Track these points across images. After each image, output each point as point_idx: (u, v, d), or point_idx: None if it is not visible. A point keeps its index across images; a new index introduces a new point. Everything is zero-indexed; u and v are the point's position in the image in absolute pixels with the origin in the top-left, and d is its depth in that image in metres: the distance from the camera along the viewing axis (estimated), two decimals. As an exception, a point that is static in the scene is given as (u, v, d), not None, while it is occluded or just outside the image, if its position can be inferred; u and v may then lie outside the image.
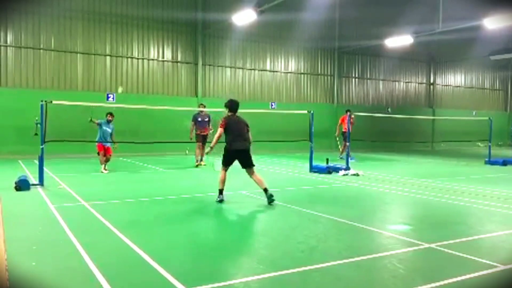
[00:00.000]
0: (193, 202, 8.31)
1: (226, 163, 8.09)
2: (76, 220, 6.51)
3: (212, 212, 7.59)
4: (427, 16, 22.20)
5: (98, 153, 12.55)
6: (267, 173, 12.85)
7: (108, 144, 12.56)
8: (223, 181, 8.02)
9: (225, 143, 8.13)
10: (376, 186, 10.54)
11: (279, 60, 22.74)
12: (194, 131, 14.09)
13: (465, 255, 4.95)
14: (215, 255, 5.01)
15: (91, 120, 12.39)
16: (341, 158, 17.08)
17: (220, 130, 8.05)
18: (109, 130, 12.62)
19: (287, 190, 9.80)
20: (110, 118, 12.69)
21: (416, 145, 25.40)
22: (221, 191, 8.02)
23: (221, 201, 7.93)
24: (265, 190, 7.85)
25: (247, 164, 8.04)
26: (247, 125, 8.21)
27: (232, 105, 8.39)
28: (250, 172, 8.05)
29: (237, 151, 8.01)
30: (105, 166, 12.53)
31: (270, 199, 7.72)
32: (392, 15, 23.15)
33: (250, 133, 8.24)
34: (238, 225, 6.60)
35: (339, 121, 17.80)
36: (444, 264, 4.75)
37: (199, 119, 14.16)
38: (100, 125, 12.53)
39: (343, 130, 17.02)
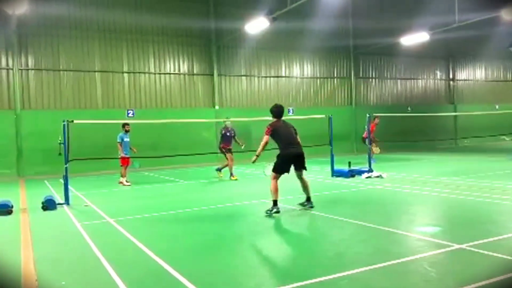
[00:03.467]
0: (216, 214, 8.30)
1: (281, 171, 7.76)
2: (103, 238, 6.57)
3: (236, 223, 7.56)
4: (443, 11, 21.86)
5: (122, 166, 12.96)
6: (288, 180, 12.76)
7: (128, 155, 13.00)
8: (277, 191, 7.64)
9: (274, 151, 7.90)
10: (401, 187, 10.36)
11: (295, 65, 22.71)
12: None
13: (498, 255, 4.80)
14: (241, 266, 4.98)
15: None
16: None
17: (266, 138, 7.71)
18: (128, 140, 13.03)
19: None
20: (128, 128, 13.08)
21: (439, 142, 24.93)
22: (275, 202, 7.60)
23: (277, 212, 7.51)
24: (309, 198, 8.04)
25: (302, 167, 7.93)
26: (295, 129, 7.97)
27: (278, 111, 7.98)
28: (301, 175, 7.99)
29: (295, 156, 7.80)
30: (126, 179, 12.82)
31: (310, 206, 7.99)
32: (407, 13, 22.88)
33: (298, 137, 7.97)
34: (262, 234, 6.55)
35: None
36: (477, 265, 4.61)
37: (227, 134, 13.83)
38: (122, 140, 12.87)
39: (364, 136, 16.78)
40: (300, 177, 8.01)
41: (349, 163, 13.05)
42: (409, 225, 6.72)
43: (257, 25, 17.21)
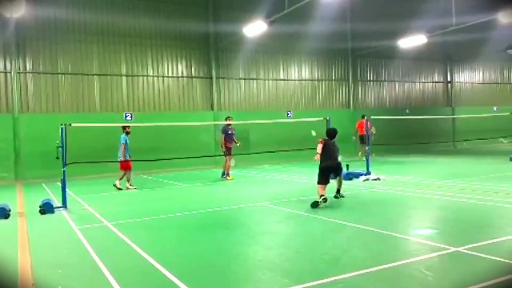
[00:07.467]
0: (213, 216, 8.30)
1: (321, 181, 8.96)
2: (100, 241, 6.57)
3: (233, 226, 7.57)
4: (440, 14, 21.94)
5: (125, 170, 12.71)
6: (286, 182, 12.78)
7: (128, 157, 12.75)
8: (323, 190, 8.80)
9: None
10: (399, 190, 10.37)
11: (293, 68, 22.73)
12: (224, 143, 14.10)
13: (494, 258, 4.81)
14: (238, 269, 4.98)
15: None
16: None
17: (320, 146, 9.17)
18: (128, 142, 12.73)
19: (309, 199, 9.71)
20: (129, 130, 12.77)
21: (437, 145, 24.94)
22: (322, 196, 8.66)
23: (325, 200, 8.58)
24: (338, 190, 9.60)
25: (338, 174, 9.38)
26: (338, 149, 9.49)
27: (331, 132, 9.53)
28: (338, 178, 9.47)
29: (328, 167, 9.12)
30: (131, 183, 12.78)
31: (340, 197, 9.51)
32: (404, 16, 22.91)
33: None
34: (259, 238, 6.56)
35: (356, 126, 18.37)
36: (474, 268, 4.63)
37: (229, 132, 14.08)
38: (126, 142, 12.64)
39: (360, 133, 18.08)
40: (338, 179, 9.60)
41: (347, 165, 13.04)
42: (406, 228, 6.74)
43: (255, 28, 17.26)
